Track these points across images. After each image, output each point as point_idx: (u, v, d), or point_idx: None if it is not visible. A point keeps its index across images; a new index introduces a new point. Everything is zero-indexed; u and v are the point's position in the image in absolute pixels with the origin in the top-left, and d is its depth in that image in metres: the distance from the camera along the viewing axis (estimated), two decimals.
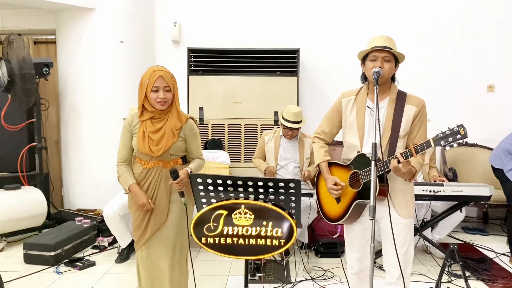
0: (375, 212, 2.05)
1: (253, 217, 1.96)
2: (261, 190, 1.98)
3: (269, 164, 4.15)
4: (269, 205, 1.94)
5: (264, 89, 4.88)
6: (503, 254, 4.09)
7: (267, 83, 4.88)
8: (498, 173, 3.96)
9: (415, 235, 3.75)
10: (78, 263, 3.74)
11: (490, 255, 4.08)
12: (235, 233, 1.98)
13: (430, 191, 3.56)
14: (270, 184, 1.95)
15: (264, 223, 1.96)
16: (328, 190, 2.45)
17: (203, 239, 2.01)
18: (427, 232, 4.00)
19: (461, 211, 3.91)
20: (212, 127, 4.96)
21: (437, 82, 5.29)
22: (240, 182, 1.97)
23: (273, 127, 4.80)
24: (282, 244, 1.96)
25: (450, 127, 2.11)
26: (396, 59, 2.38)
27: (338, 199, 2.48)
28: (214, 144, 4.82)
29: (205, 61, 4.92)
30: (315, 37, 5.35)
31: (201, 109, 4.92)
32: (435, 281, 3.26)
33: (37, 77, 4.58)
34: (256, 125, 4.93)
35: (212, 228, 1.99)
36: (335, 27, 5.33)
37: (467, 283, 3.12)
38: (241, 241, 1.98)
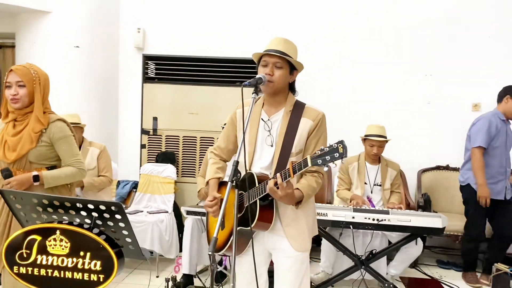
0: (235, 249, 1.70)
1: (70, 245, 1.62)
2: (83, 213, 1.65)
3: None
4: (85, 231, 1.60)
5: (222, 100, 4.55)
6: None
7: (225, 93, 4.55)
8: (466, 190, 3.75)
9: (360, 267, 3.34)
10: None
11: None
12: (49, 263, 1.63)
13: (374, 219, 3.12)
14: (90, 206, 1.61)
15: (82, 253, 1.61)
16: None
17: (15, 268, 1.67)
18: (379, 266, 3.53)
19: (416, 244, 3.44)
20: (166, 138, 4.65)
21: (418, 98, 4.83)
22: (56, 203, 1.63)
23: None
24: (102, 280, 1.61)
25: (332, 144, 1.74)
26: (293, 66, 2.06)
27: (222, 225, 2.12)
28: (165, 157, 4.51)
29: (162, 69, 4.65)
30: None
31: (155, 119, 4.64)
32: None
33: None
34: (213, 138, 4.60)
35: (25, 256, 1.66)
36: (297, 39, 4.93)
37: None
38: (56, 273, 1.64)
